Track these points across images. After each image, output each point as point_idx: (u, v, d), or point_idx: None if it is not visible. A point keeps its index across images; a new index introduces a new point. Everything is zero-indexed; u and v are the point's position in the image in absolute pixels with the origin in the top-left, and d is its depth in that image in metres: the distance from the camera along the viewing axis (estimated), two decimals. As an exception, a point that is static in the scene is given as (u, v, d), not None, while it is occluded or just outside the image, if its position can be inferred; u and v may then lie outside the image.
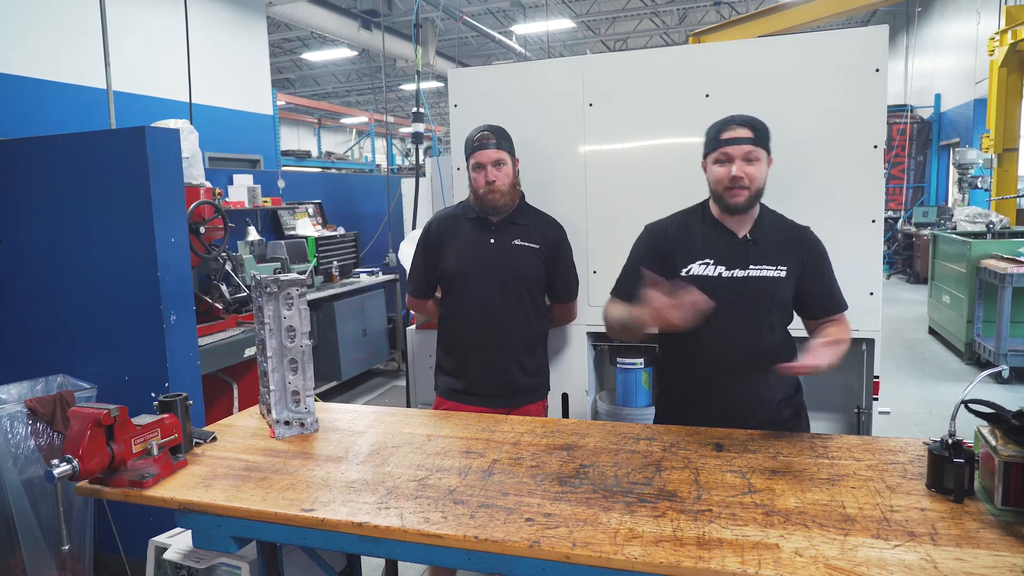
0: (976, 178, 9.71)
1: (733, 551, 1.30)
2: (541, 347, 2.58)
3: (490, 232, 2.46)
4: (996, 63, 8.31)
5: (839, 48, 2.45)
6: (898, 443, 1.80)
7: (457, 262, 2.46)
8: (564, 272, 2.58)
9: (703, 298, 1.76)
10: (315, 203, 6.78)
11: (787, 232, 2.06)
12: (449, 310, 2.53)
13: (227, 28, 8.69)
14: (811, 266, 2.03)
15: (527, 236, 2.48)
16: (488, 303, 2.43)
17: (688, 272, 2.02)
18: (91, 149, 2.92)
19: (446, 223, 2.53)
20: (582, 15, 15.54)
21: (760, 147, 1.96)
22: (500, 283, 2.43)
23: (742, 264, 2.00)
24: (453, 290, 2.50)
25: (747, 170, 1.93)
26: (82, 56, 6.36)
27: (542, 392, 2.59)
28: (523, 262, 2.46)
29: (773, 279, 1.98)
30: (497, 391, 2.45)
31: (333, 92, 23.09)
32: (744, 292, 1.98)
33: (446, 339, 2.56)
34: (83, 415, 1.65)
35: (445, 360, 2.56)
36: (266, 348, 2.05)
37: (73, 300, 3.01)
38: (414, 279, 2.62)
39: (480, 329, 2.44)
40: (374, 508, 1.54)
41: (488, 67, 3.03)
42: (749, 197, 1.95)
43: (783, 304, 2.03)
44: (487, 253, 2.44)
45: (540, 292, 2.54)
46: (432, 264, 2.53)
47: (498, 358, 2.44)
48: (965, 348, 6.44)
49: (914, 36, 14.82)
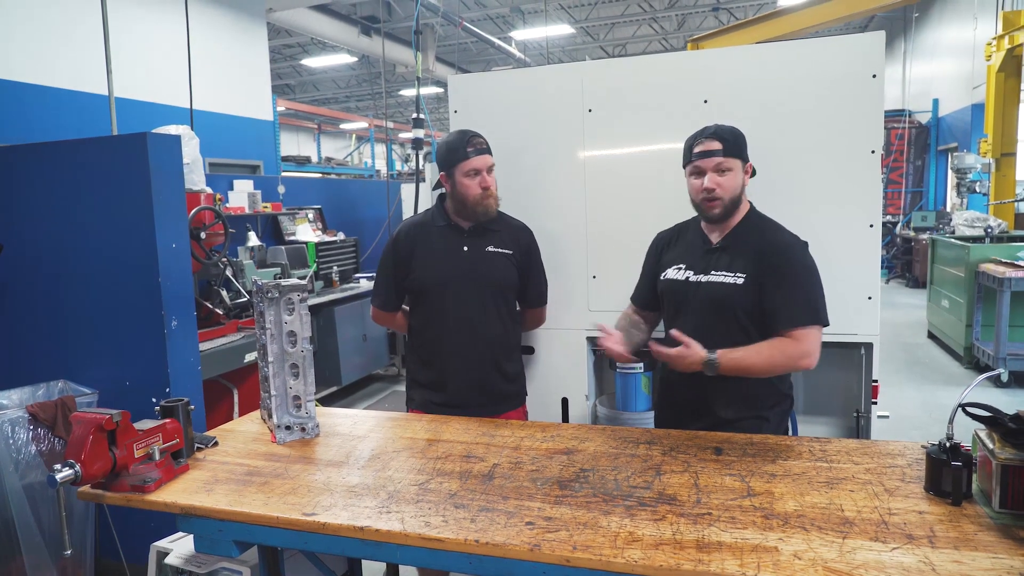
0: (974, 182, 9.75)
1: (732, 554, 1.31)
2: (517, 353, 2.55)
3: (463, 239, 2.40)
4: (993, 68, 8.33)
5: (836, 54, 2.46)
6: (897, 446, 1.81)
7: (431, 272, 2.39)
8: (536, 277, 2.56)
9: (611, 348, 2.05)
10: (315, 208, 6.80)
11: (760, 240, 2.06)
12: (424, 321, 2.45)
13: (227, 34, 8.71)
14: (771, 274, 1.99)
15: (500, 242, 2.43)
16: (466, 312, 2.37)
17: (664, 276, 2.17)
18: (93, 155, 2.93)
19: (415, 232, 2.45)
20: (581, 21, 15.60)
21: (732, 157, 2.02)
22: (477, 291, 2.38)
23: (705, 269, 2.08)
24: (427, 300, 2.43)
25: (719, 181, 2.01)
26: (83, 62, 6.37)
27: (521, 398, 2.55)
28: (498, 269, 2.41)
29: (729, 285, 2.02)
30: (479, 400, 2.40)
31: (333, 98, 23.14)
32: (703, 296, 2.06)
33: (421, 351, 2.48)
34: (86, 420, 1.66)
35: (421, 372, 2.48)
36: (267, 353, 2.06)
37: (74, 305, 3.02)
38: (382, 292, 2.52)
39: (459, 339, 2.38)
40: (375, 512, 1.55)
41: (488, 73, 3.05)
42: (724, 206, 2.04)
43: (744, 311, 2.02)
44: (462, 261, 2.38)
45: (514, 298, 2.51)
46: (401, 276, 2.45)
47: (478, 367, 2.39)
48: (964, 352, 6.45)
49: (912, 41, 14.87)
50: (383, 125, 12.90)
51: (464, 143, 2.32)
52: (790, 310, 1.97)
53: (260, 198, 5.83)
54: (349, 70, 19.57)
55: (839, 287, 2.48)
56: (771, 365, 1.97)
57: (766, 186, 2.30)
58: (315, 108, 21.65)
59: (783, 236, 2.08)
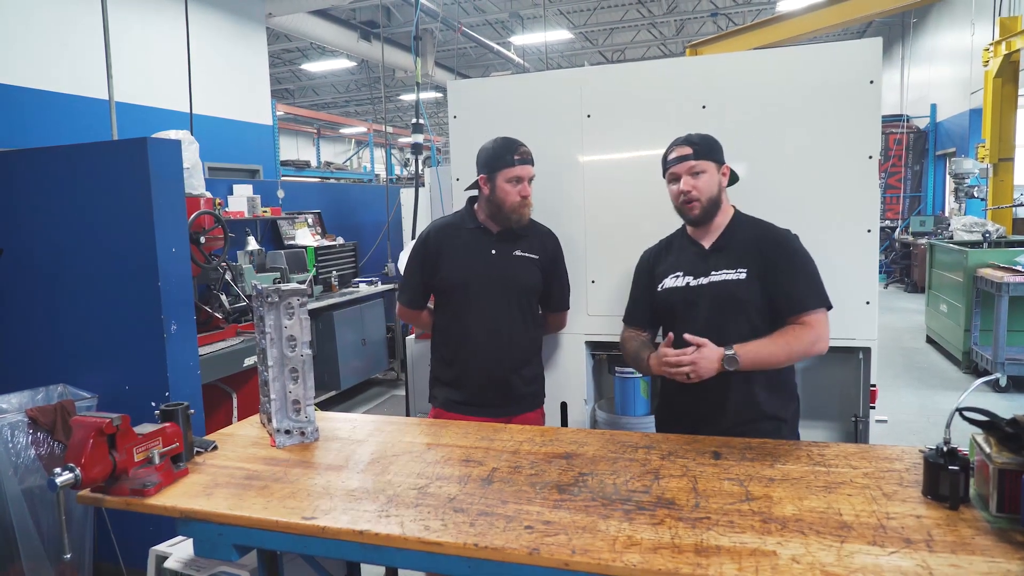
0: (972, 187, 9.77)
1: (731, 558, 1.31)
2: (537, 356, 2.59)
3: (491, 243, 2.46)
4: (991, 74, 8.37)
5: (834, 60, 2.47)
6: (894, 451, 1.81)
7: (458, 272, 2.45)
8: (560, 282, 2.61)
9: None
10: (314, 213, 6.81)
11: (754, 235, 2.10)
12: (448, 321, 2.51)
13: (227, 39, 8.74)
14: (772, 265, 2.04)
15: (527, 247, 2.49)
16: (490, 314, 2.43)
17: (663, 287, 2.17)
18: (93, 160, 2.94)
19: (444, 233, 2.52)
20: (580, 26, 15.64)
21: (703, 159, 2.07)
22: (502, 293, 2.44)
23: (705, 272, 2.10)
24: (453, 300, 2.49)
25: (693, 183, 2.07)
26: (82, 66, 6.39)
27: (539, 400, 2.60)
28: (524, 272, 2.47)
29: (733, 282, 2.05)
30: (498, 400, 2.46)
31: (332, 102, 23.18)
32: (708, 297, 2.07)
33: (444, 350, 2.54)
34: (86, 424, 1.66)
35: (443, 371, 2.54)
36: (267, 357, 2.07)
37: (74, 310, 3.02)
38: (408, 290, 2.58)
39: (482, 339, 2.43)
40: (375, 516, 1.55)
41: (487, 79, 3.06)
42: (703, 207, 2.09)
43: (751, 305, 2.04)
44: (489, 264, 2.44)
45: (537, 302, 2.56)
46: (429, 274, 2.51)
47: (499, 368, 2.44)
48: (963, 357, 6.45)
49: (909, 47, 14.93)
50: (382, 130, 12.92)
51: (511, 150, 2.38)
52: (798, 296, 2.02)
53: (259, 202, 5.85)
54: (348, 75, 19.61)
55: (837, 292, 2.48)
56: (789, 352, 1.98)
57: (764, 191, 2.32)
58: (314, 113, 21.67)
59: (775, 229, 2.12)
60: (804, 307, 2.01)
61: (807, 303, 2.01)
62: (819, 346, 2.00)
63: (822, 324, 2.01)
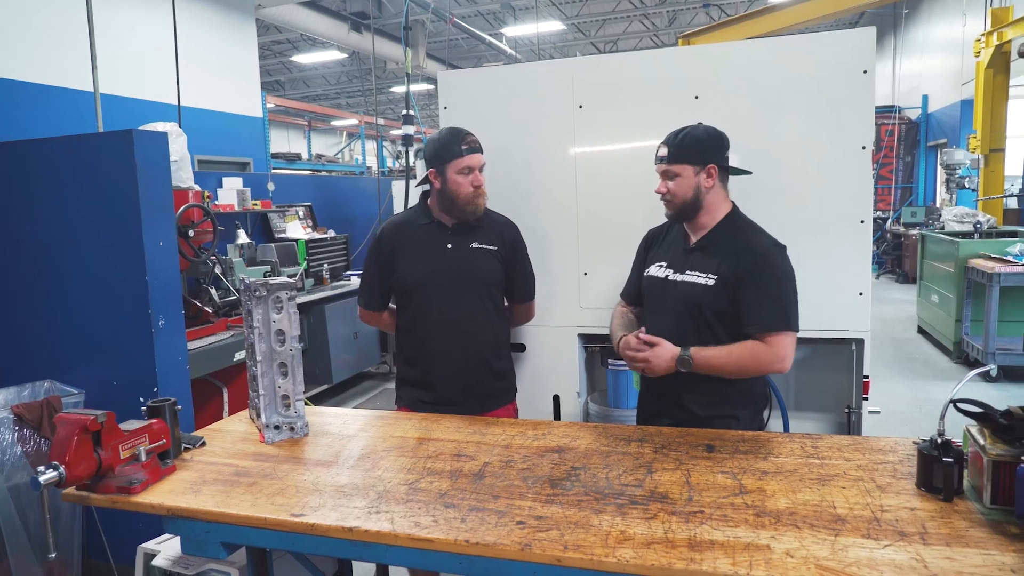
0: (964, 178, 9.78)
1: (724, 552, 1.30)
2: (506, 350, 2.52)
3: (446, 237, 2.38)
4: (982, 64, 8.38)
5: (827, 50, 2.46)
6: (888, 443, 1.81)
7: (415, 270, 2.37)
8: (523, 272, 2.53)
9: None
10: (305, 206, 6.76)
11: (736, 243, 2.05)
12: (410, 320, 2.43)
13: (216, 30, 8.64)
14: (745, 277, 1.99)
15: (484, 238, 2.40)
16: (452, 310, 2.35)
17: (647, 273, 2.21)
18: (79, 152, 2.89)
19: (398, 231, 2.44)
20: (572, 17, 15.57)
21: (677, 163, 2.07)
22: (462, 289, 2.36)
23: (682, 268, 2.11)
24: (413, 299, 2.41)
25: (667, 185, 2.09)
26: (69, 59, 6.30)
27: (510, 395, 2.53)
28: (483, 265, 2.39)
29: (701, 286, 2.04)
30: (468, 399, 2.38)
31: (323, 94, 23.03)
32: (677, 295, 2.09)
33: (408, 351, 2.46)
34: (69, 421, 1.63)
35: (408, 371, 2.45)
36: (255, 352, 2.04)
37: (60, 304, 2.98)
38: (367, 292, 2.52)
39: (446, 337, 2.36)
40: (364, 513, 1.53)
41: (478, 70, 3.03)
42: (676, 208, 2.10)
43: (712, 312, 2.03)
44: (446, 259, 2.36)
45: (501, 294, 2.48)
46: (386, 275, 2.43)
47: (466, 366, 2.37)
48: (954, 347, 6.48)
49: (901, 37, 14.94)
50: (373, 122, 12.86)
51: (458, 140, 2.30)
52: (761, 314, 1.98)
53: (249, 195, 5.80)
54: (339, 66, 19.47)
55: (830, 283, 2.49)
56: (740, 367, 1.99)
57: (757, 182, 2.29)
58: (305, 105, 21.50)
59: (761, 240, 2.06)
60: (766, 327, 1.96)
61: (769, 323, 1.97)
62: (778, 366, 1.98)
63: (784, 345, 1.96)
